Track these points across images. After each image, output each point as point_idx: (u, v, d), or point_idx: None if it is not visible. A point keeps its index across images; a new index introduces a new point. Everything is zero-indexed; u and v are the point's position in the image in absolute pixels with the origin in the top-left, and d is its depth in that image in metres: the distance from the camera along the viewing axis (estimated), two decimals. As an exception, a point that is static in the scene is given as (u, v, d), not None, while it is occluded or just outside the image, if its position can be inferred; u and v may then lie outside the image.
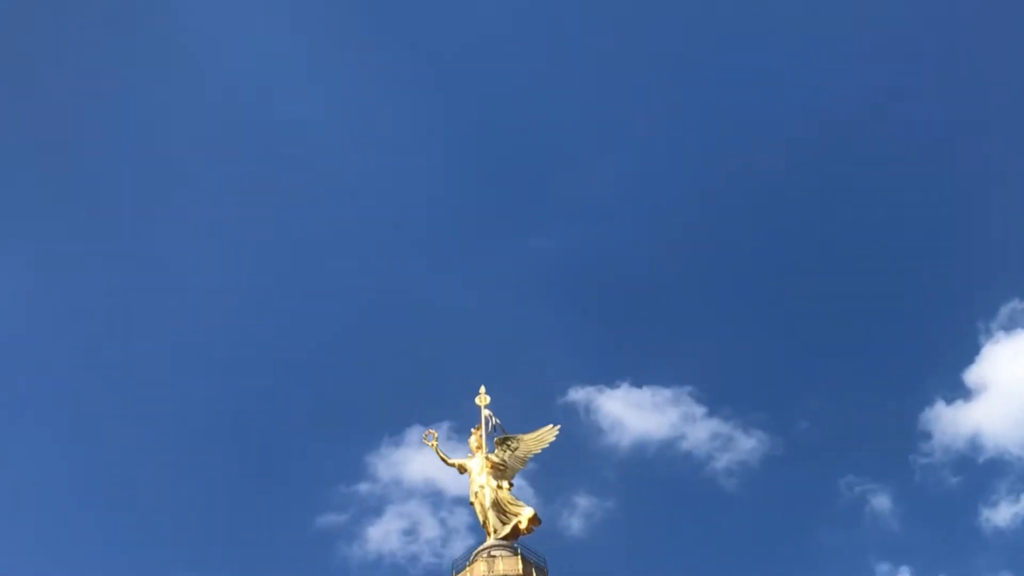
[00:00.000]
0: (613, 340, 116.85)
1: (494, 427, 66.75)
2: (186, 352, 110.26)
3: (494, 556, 61.12)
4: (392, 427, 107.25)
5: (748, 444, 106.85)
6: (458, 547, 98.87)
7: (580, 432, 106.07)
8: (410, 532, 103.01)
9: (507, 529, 62.85)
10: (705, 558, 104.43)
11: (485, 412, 66.85)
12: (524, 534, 63.34)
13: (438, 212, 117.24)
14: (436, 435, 65.95)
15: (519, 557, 60.98)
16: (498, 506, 63.71)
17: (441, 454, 65.60)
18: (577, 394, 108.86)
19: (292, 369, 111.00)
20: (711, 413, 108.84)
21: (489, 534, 62.51)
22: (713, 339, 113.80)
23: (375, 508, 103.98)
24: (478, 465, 64.80)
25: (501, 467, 65.09)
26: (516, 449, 66.55)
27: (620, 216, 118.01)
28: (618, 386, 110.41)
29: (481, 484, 64.19)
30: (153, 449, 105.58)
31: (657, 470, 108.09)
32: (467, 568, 61.10)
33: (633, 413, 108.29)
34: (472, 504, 64.19)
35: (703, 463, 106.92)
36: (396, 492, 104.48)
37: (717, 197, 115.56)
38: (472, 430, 66.29)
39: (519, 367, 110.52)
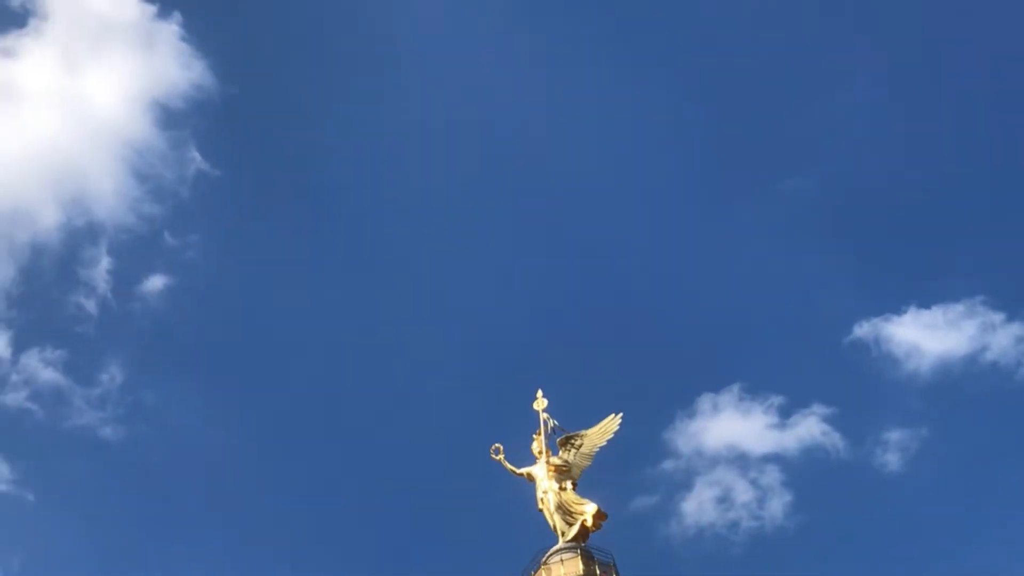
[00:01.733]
0: (888, 267, 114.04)
1: (553, 429, 66.66)
2: (458, 353, 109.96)
3: (559, 560, 61.59)
4: (682, 400, 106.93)
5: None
6: (775, 505, 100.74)
7: (875, 367, 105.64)
8: (724, 500, 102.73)
9: (574, 530, 62.44)
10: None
11: (543, 415, 67.41)
12: (593, 531, 62.72)
13: (684, 177, 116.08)
14: (502, 447, 66.88)
15: (579, 558, 61.15)
16: (563, 508, 63.46)
17: (509, 465, 66.10)
18: (862, 329, 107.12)
19: (572, 362, 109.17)
20: (1011, 317, 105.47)
21: (559, 538, 63.18)
22: (996, 242, 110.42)
23: (684, 483, 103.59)
24: (542, 471, 65.14)
25: (564, 468, 64.87)
26: (581, 447, 66.24)
27: (872, 143, 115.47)
28: (904, 312, 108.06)
29: (545, 489, 63.95)
30: (433, 448, 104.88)
31: (965, 388, 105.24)
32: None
33: (927, 335, 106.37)
34: (540, 511, 64.78)
35: (1012, 371, 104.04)
36: (700, 463, 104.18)
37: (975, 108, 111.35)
38: (534, 436, 66.42)
39: (797, 314, 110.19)
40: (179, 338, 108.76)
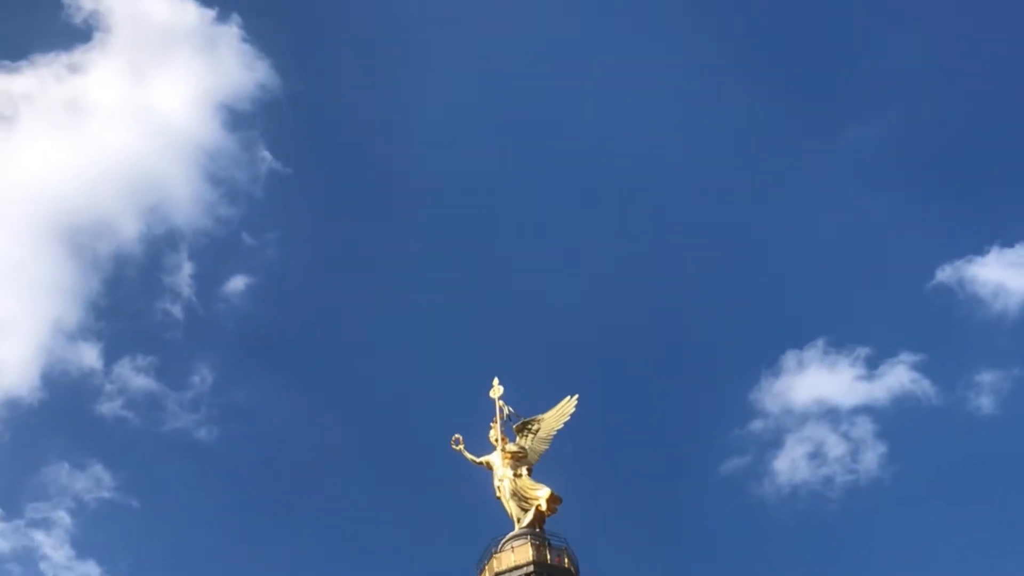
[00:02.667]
0: (967, 209, 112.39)
1: (508, 416, 66.91)
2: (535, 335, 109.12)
3: (511, 548, 61.60)
4: (766, 358, 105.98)
5: None
6: (869, 457, 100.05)
7: (961, 310, 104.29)
8: (816, 455, 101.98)
9: (529, 516, 62.51)
10: None
11: (499, 403, 67.45)
12: (548, 515, 62.84)
13: (756, 131, 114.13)
14: (461, 438, 67.12)
15: (529, 544, 61.09)
16: (518, 495, 63.32)
17: (468, 455, 66.43)
18: (945, 273, 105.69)
19: (654, 332, 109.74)
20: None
21: (515, 525, 63.35)
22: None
23: (774, 441, 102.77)
24: (498, 459, 65.27)
25: (520, 454, 64.77)
26: (538, 431, 66.05)
27: (944, 84, 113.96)
28: (987, 252, 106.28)
29: (500, 477, 64.42)
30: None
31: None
32: (486, 566, 62.18)
33: (1012, 274, 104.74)
34: (499, 499, 65.06)
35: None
36: (790, 420, 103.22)
37: None
38: (491, 424, 66.87)
39: (877, 263, 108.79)
40: (265, 336, 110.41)
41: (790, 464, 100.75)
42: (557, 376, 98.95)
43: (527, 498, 63.47)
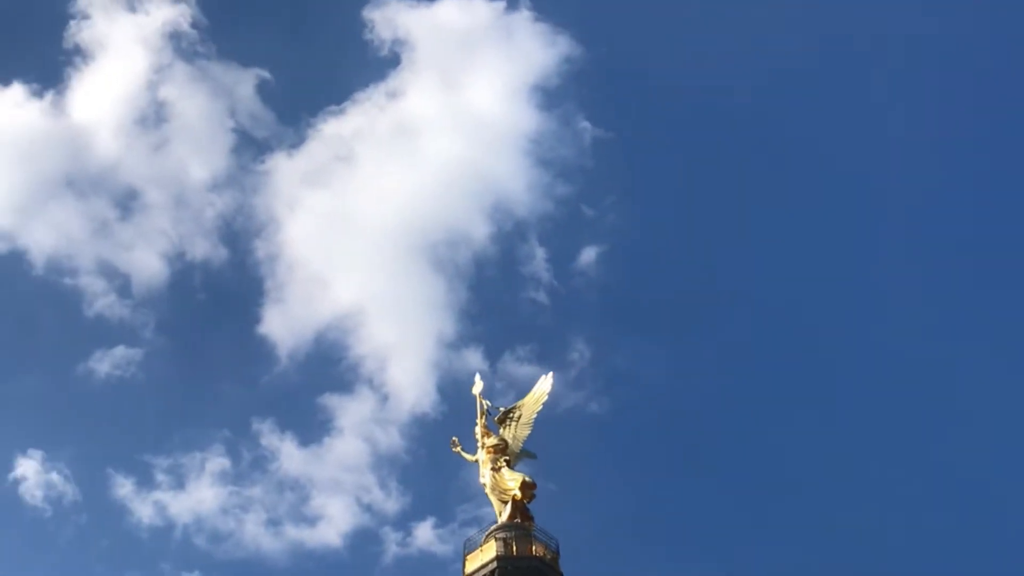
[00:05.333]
0: None
1: (488, 410, 66.12)
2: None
3: (488, 542, 60.83)
4: None
5: None
6: None
7: None
8: None
9: (508, 509, 61.93)
10: None
11: (479, 399, 66.51)
12: (527, 502, 61.97)
13: None
14: (457, 440, 66.71)
15: (494, 541, 60.10)
16: (497, 489, 63.06)
17: (466, 455, 66.15)
18: None
19: None
20: None
21: (498, 518, 62.23)
22: None
23: None
24: (483, 455, 64.65)
25: (501, 446, 64.25)
26: (520, 417, 65.46)
27: None
28: None
29: (483, 474, 64.02)
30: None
31: None
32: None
33: None
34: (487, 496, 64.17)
35: None
36: None
37: None
38: (476, 421, 66.11)
39: None
40: (627, 299, 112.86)
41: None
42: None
43: (505, 490, 62.65)
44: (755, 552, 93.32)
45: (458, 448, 66.44)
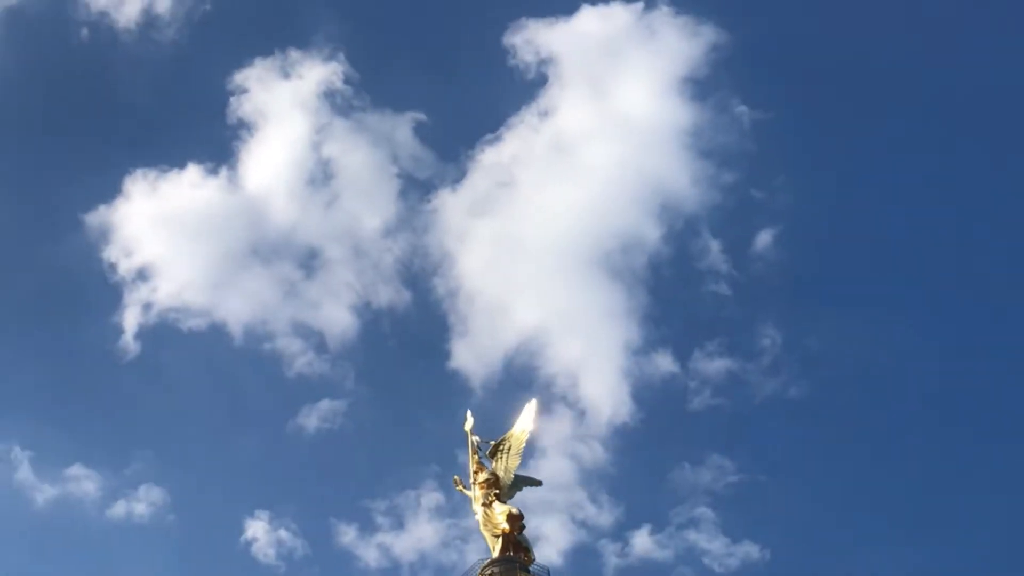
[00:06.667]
0: None
1: (479, 446, 65.44)
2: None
3: (480, 580, 60.26)
4: None
5: None
6: None
7: None
8: None
9: (499, 544, 60.75)
10: None
11: (470, 436, 65.91)
12: (517, 534, 60.96)
13: None
14: (458, 479, 66.31)
15: (479, 578, 59.53)
16: (489, 524, 62.10)
17: (467, 492, 65.40)
18: None
19: None
20: None
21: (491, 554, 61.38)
22: None
23: None
24: (476, 492, 64.07)
25: (492, 480, 63.41)
26: (510, 448, 64.46)
27: None
28: None
29: (475, 510, 63.38)
30: None
31: None
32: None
33: None
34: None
35: None
36: None
37: None
38: (470, 457, 65.57)
39: None
40: (811, 278, 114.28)
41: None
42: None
43: (495, 524, 61.97)
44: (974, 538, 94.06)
45: (460, 486, 65.92)
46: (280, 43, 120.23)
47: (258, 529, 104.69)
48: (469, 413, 67.09)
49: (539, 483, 65.36)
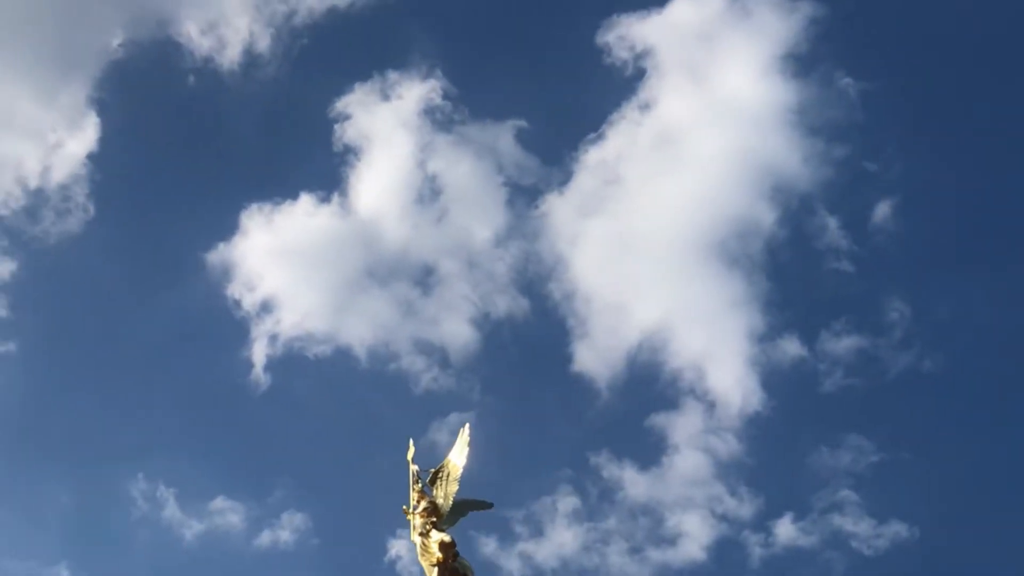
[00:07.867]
0: None
1: (418, 476, 63.81)
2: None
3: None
4: None
5: None
6: None
7: None
8: None
9: (435, 572, 59.56)
10: None
11: (411, 465, 64.35)
12: (452, 561, 59.06)
13: None
14: (407, 508, 64.97)
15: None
16: (425, 555, 60.52)
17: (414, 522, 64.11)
18: None
19: None
20: None
21: (430, 587, 59.45)
22: None
23: None
24: (416, 520, 62.57)
25: (429, 509, 61.64)
26: (449, 475, 62.41)
27: None
28: None
29: (413, 541, 61.89)
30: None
31: None
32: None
33: None
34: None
35: None
36: None
37: None
38: (411, 487, 64.09)
39: None
40: (935, 246, 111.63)
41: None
42: None
43: (431, 553, 60.37)
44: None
45: (410, 516, 64.67)
46: (378, 66, 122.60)
47: (401, 548, 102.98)
48: (411, 442, 65.41)
49: (489, 505, 63.03)
